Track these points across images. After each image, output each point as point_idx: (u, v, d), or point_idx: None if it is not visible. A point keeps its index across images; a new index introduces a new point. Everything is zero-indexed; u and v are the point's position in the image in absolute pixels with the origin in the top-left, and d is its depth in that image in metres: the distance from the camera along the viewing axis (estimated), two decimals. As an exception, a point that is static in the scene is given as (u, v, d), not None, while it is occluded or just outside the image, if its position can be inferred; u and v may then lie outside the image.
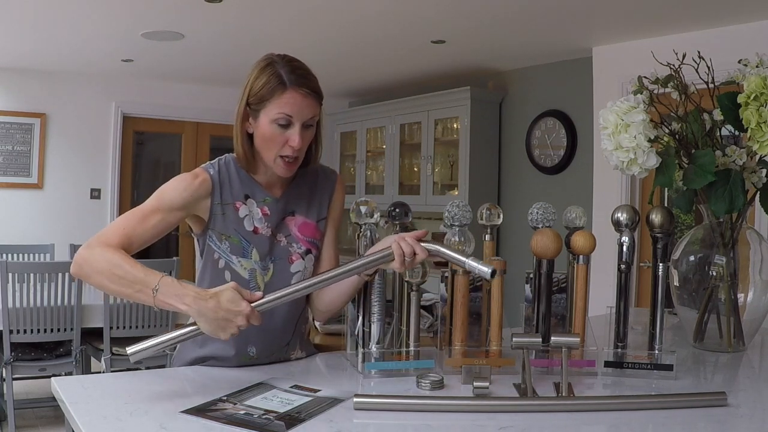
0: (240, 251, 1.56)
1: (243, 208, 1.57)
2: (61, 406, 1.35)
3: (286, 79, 1.47)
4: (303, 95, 1.48)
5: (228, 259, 1.56)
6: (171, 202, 1.52)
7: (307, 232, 1.64)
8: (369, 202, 1.68)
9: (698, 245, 1.90)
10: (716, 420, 1.28)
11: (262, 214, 1.59)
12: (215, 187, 1.55)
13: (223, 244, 1.56)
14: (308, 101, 1.49)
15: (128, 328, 3.76)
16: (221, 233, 1.56)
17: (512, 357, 1.58)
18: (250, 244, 1.57)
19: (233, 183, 1.58)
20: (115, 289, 1.40)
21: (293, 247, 1.62)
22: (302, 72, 1.50)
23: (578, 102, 4.77)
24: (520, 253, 4.38)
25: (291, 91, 1.47)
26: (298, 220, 1.64)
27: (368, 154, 6.42)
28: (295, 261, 1.62)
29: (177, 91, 6.21)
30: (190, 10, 3.82)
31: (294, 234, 1.63)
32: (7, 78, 5.59)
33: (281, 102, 1.47)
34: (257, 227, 1.58)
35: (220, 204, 1.55)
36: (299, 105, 1.48)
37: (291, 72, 1.48)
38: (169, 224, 1.52)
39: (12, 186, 5.66)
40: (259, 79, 1.49)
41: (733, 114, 1.72)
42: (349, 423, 1.25)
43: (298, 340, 1.70)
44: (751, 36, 3.62)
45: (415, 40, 4.46)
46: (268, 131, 1.50)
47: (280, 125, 1.49)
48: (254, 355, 1.61)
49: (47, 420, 3.97)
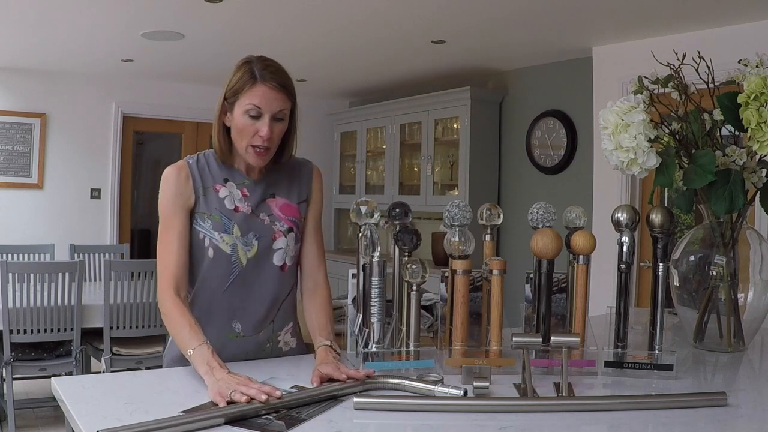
0: (221, 227, 1.66)
1: (222, 189, 1.69)
2: (61, 406, 1.35)
3: (257, 75, 1.60)
4: (270, 88, 1.60)
5: (211, 235, 1.66)
6: (172, 213, 1.66)
7: (288, 212, 1.74)
8: (369, 202, 1.69)
9: (698, 245, 1.90)
10: (716, 420, 1.28)
11: (242, 195, 1.70)
12: (194, 173, 1.68)
13: (205, 222, 1.66)
14: (276, 94, 1.61)
15: (128, 328, 3.76)
16: (203, 213, 1.67)
17: (512, 357, 1.58)
18: (231, 221, 1.67)
19: (212, 170, 1.71)
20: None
21: (276, 225, 1.72)
22: (273, 69, 1.63)
23: (578, 102, 4.77)
24: (520, 253, 4.38)
25: (260, 84, 1.60)
26: (279, 201, 1.74)
27: (368, 154, 6.42)
28: (278, 238, 1.71)
29: (177, 91, 6.20)
30: (190, 10, 3.82)
31: (276, 213, 1.73)
32: (7, 78, 5.58)
33: (251, 94, 1.60)
34: (237, 206, 1.69)
35: (202, 187, 1.68)
36: (267, 97, 1.60)
37: (263, 69, 1.61)
38: (186, 227, 1.66)
39: (12, 186, 5.66)
40: (235, 76, 1.63)
41: (733, 114, 1.72)
42: (349, 423, 1.25)
43: (287, 322, 1.76)
44: (751, 36, 3.62)
45: (415, 40, 4.46)
46: (240, 122, 1.61)
47: (251, 116, 1.60)
48: (240, 331, 1.69)
49: (47, 420, 3.97)
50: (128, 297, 3.73)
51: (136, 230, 6.68)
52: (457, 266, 1.62)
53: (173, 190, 1.66)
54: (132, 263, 4.13)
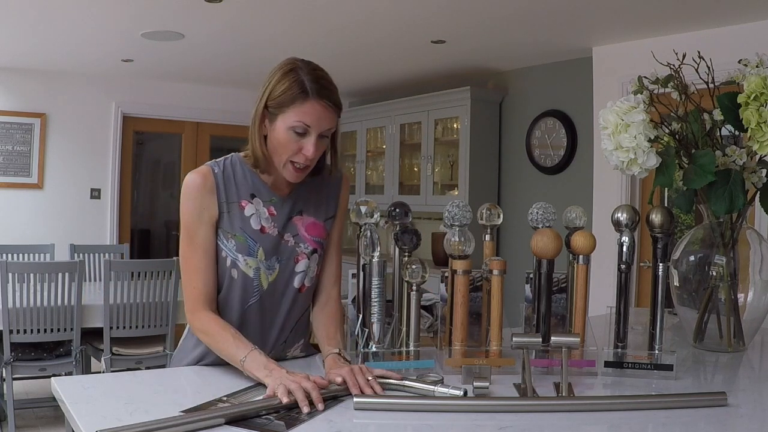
0: (246, 250, 1.56)
1: (249, 207, 1.57)
2: (61, 406, 1.35)
3: (308, 88, 1.46)
4: (324, 107, 1.47)
5: (234, 257, 1.56)
6: (197, 227, 1.54)
7: (314, 231, 1.64)
8: (369, 202, 1.68)
9: (698, 245, 1.90)
10: (716, 420, 1.28)
11: (269, 213, 1.59)
12: (219, 184, 1.55)
13: (229, 242, 1.56)
14: (328, 113, 1.48)
15: (128, 328, 3.76)
16: (227, 231, 1.56)
17: (512, 357, 1.57)
18: (256, 243, 1.56)
19: (238, 182, 1.57)
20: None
21: (300, 247, 1.62)
22: (325, 83, 1.49)
23: (578, 102, 4.77)
24: (520, 253, 4.38)
25: (312, 101, 1.46)
26: (306, 220, 1.64)
27: (368, 154, 6.42)
28: (300, 260, 1.62)
29: (177, 91, 6.20)
30: (190, 10, 3.82)
31: (301, 234, 1.62)
32: (7, 78, 5.58)
33: (301, 111, 1.46)
34: (264, 226, 1.58)
35: (226, 203, 1.56)
36: (318, 116, 1.47)
37: (314, 81, 1.47)
38: (213, 242, 1.56)
39: (12, 186, 5.66)
40: (281, 84, 1.47)
41: (733, 114, 1.72)
42: (349, 423, 1.25)
43: (298, 340, 1.71)
44: (751, 36, 3.62)
45: (415, 40, 4.46)
46: (283, 137, 1.48)
47: (296, 133, 1.48)
48: None
49: (47, 420, 3.98)
50: (128, 297, 3.73)
51: (136, 230, 6.68)
52: (457, 266, 1.62)
53: (197, 203, 1.53)
54: (132, 263, 4.13)
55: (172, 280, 3.81)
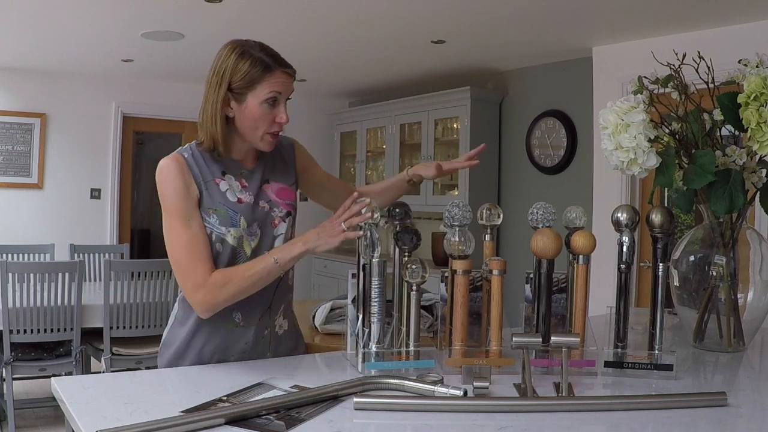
0: (228, 221, 1.64)
1: (222, 183, 1.66)
2: (61, 406, 1.35)
3: (270, 62, 1.60)
4: (288, 74, 1.63)
5: (218, 231, 1.63)
6: (186, 205, 1.61)
7: (284, 195, 1.75)
8: (369, 202, 1.68)
9: (698, 245, 1.90)
10: (716, 420, 1.28)
11: (241, 186, 1.68)
12: (192, 166, 1.64)
13: (211, 218, 1.63)
14: (290, 79, 1.64)
15: (128, 328, 3.76)
16: (208, 208, 1.63)
17: (512, 357, 1.58)
18: (237, 213, 1.65)
19: (208, 162, 1.67)
20: (250, 292, 1.61)
21: (275, 211, 1.72)
22: (276, 54, 1.64)
23: (578, 102, 4.77)
24: (520, 253, 4.38)
25: (278, 71, 1.60)
26: (275, 186, 1.74)
27: (368, 154, 6.42)
28: (278, 224, 1.71)
29: (177, 91, 6.20)
30: (190, 10, 3.83)
31: (273, 199, 1.73)
32: (7, 78, 5.59)
33: (271, 83, 1.59)
34: (240, 197, 1.67)
35: (203, 181, 1.64)
36: (285, 82, 1.62)
37: (269, 55, 1.61)
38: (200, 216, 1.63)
39: (12, 186, 5.66)
40: (241, 66, 1.59)
41: (733, 114, 1.72)
42: (349, 423, 1.25)
43: (281, 306, 1.76)
44: (751, 36, 3.62)
45: (415, 40, 4.46)
46: (257, 112, 1.61)
47: (269, 104, 1.61)
48: (240, 321, 1.68)
49: (47, 420, 3.98)
50: (128, 297, 3.73)
51: (136, 230, 6.68)
52: (457, 266, 1.62)
53: (180, 182, 1.60)
54: (132, 263, 4.13)
55: (172, 280, 3.81)
